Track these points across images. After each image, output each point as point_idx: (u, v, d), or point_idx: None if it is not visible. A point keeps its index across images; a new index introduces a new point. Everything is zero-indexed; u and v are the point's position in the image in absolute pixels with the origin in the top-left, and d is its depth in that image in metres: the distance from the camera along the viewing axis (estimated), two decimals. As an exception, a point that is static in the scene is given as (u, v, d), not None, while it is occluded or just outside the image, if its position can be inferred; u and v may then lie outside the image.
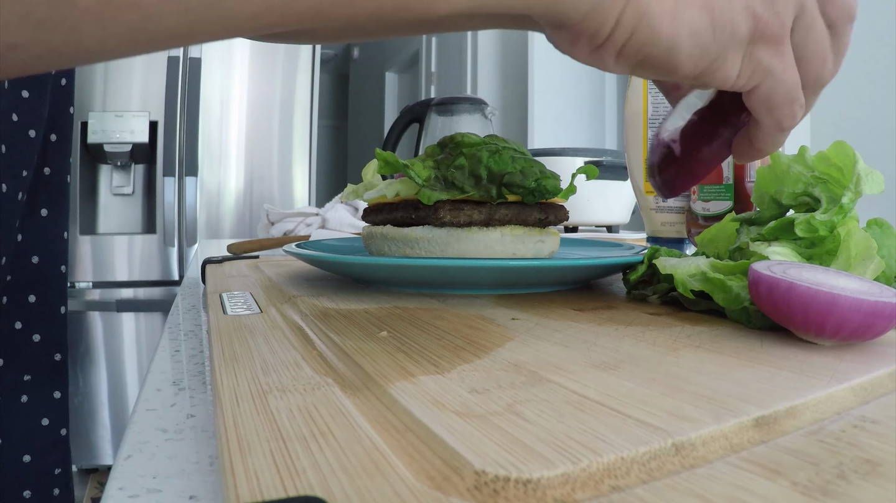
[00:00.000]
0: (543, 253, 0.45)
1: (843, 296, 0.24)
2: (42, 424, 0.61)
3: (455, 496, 0.13)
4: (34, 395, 0.61)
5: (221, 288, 0.43)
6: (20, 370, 0.60)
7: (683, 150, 0.30)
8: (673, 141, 0.31)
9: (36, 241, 0.61)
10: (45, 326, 0.62)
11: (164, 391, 0.24)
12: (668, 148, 0.31)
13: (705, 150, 0.30)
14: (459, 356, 0.23)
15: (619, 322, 0.30)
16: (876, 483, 0.13)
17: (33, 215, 0.61)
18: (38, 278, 0.62)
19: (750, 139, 0.29)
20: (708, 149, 0.30)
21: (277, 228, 1.09)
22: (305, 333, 0.28)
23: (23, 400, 0.60)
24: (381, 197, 0.46)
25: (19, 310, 0.60)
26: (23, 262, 0.60)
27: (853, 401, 0.19)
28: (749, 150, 0.29)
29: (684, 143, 0.30)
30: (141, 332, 1.85)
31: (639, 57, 0.24)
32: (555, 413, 0.17)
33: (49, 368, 0.63)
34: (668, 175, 0.31)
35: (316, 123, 2.09)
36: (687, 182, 0.31)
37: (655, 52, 0.23)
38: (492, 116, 1.10)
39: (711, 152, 0.30)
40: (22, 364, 0.60)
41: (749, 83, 0.26)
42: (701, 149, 0.30)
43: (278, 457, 0.15)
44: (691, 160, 0.30)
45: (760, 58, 0.25)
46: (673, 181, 0.31)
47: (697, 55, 0.24)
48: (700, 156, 0.30)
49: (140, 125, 1.82)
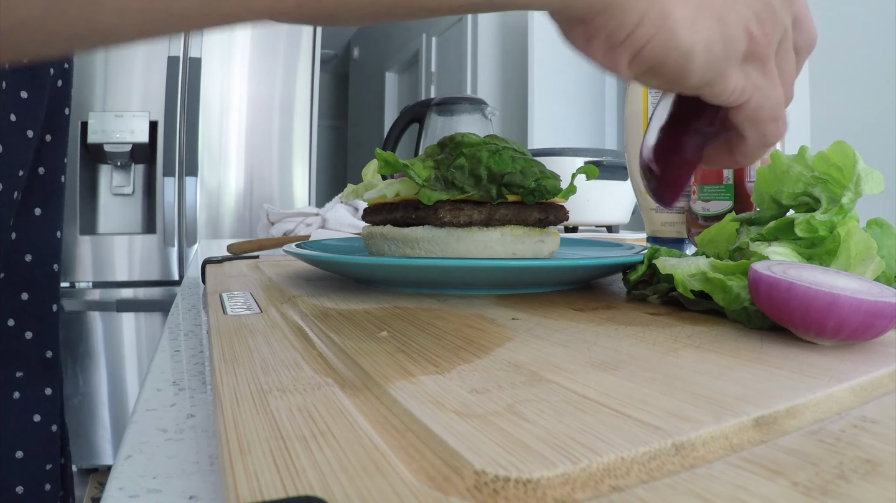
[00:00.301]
0: (543, 253, 0.45)
1: (843, 296, 0.24)
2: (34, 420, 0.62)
3: (455, 496, 0.13)
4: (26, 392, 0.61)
5: (221, 288, 0.43)
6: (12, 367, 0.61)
7: (660, 166, 0.31)
8: (651, 160, 0.32)
9: (29, 240, 0.62)
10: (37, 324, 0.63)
11: (164, 391, 0.24)
12: (648, 167, 0.32)
13: (676, 161, 0.31)
14: (459, 356, 0.23)
15: (619, 322, 0.30)
16: (876, 483, 0.13)
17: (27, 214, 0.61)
18: (30, 277, 0.62)
19: (730, 150, 0.29)
20: (679, 159, 0.31)
21: (277, 228, 1.09)
22: (305, 333, 0.28)
23: (15, 396, 0.60)
24: (381, 197, 0.46)
25: (11, 307, 0.61)
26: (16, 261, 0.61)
27: (853, 401, 0.19)
28: (727, 160, 0.30)
29: (658, 159, 0.31)
30: (141, 332, 1.85)
31: (655, 62, 0.24)
32: (555, 413, 0.17)
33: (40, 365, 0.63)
34: (655, 189, 0.32)
35: (316, 123, 2.09)
36: (674, 193, 0.32)
37: (671, 58, 0.23)
38: (492, 116, 1.10)
39: (683, 162, 0.31)
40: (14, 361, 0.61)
41: (740, 98, 0.26)
42: (672, 161, 0.31)
43: (278, 457, 0.15)
44: (668, 173, 0.31)
45: (751, 74, 0.25)
46: (662, 194, 0.32)
47: (707, 66, 0.24)
48: (674, 168, 0.31)
49: (140, 125, 1.82)
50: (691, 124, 0.30)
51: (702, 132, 0.30)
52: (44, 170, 0.62)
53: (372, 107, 4.25)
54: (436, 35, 3.30)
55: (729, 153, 0.29)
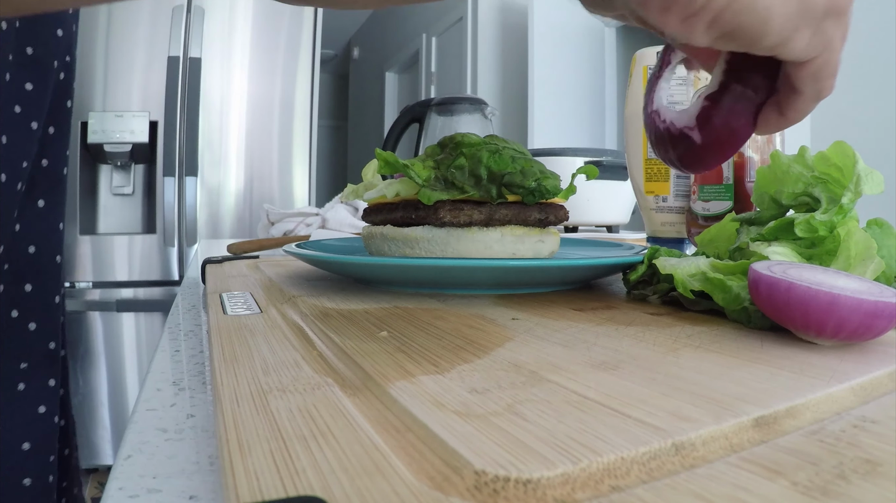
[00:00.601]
0: (543, 253, 0.45)
1: (843, 296, 0.24)
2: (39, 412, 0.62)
3: (455, 496, 0.13)
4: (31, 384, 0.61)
5: (221, 288, 0.43)
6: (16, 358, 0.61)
7: (705, 135, 0.29)
8: (689, 128, 0.29)
9: (33, 232, 0.62)
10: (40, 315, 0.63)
11: (164, 391, 0.24)
12: (686, 136, 0.29)
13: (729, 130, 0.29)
14: (459, 356, 0.23)
15: (619, 322, 0.30)
16: (876, 483, 0.13)
17: (31, 206, 0.61)
18: (34, 268, 0.62)
19: (781, 109, 0.28)
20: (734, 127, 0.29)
21: (277, 228, 1.09)
22: (305, 333, 0.28)
23: (20, 388, 0.60)
24: (381, 197, 0.46)
25: (15, 299, 0.61)
26: (19, 252, 0.61)
27: (853, 401, 0.19)
28: (778, 121, 0.28)
29: (705, 128, 0.29)
30: (141, 332, 1.85)
31: (731, 26, 0.23)
32: (555, 413, 0.17)
33: (44, 357, 0.63)
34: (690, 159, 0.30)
35: (316, 123, 2.09)
36: (716, 161, 0.30)
37: (749, 21, 0.23)
38: (492, 116, 1.10)
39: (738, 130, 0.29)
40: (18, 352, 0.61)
41: (811, 55, 0.25)
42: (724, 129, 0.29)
43: (278, 457, 0.15)
44: (715, 143, 0.29)
45: (826, 30, 0.24)
46: (701, 161, 0.30)
47: (783, 25, 0.23)
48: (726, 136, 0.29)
49: (140, 125, 1.82)
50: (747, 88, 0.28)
51: (758, 95, 0.28)
52: (47, 162, 0.62)
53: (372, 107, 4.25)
54: (436, 35, 3.30)
55: (779, 112, 0.28)
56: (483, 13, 2.84)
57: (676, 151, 0.30)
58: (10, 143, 0.54)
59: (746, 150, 0.56)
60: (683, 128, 0.30)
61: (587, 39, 2.66)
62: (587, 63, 2.70)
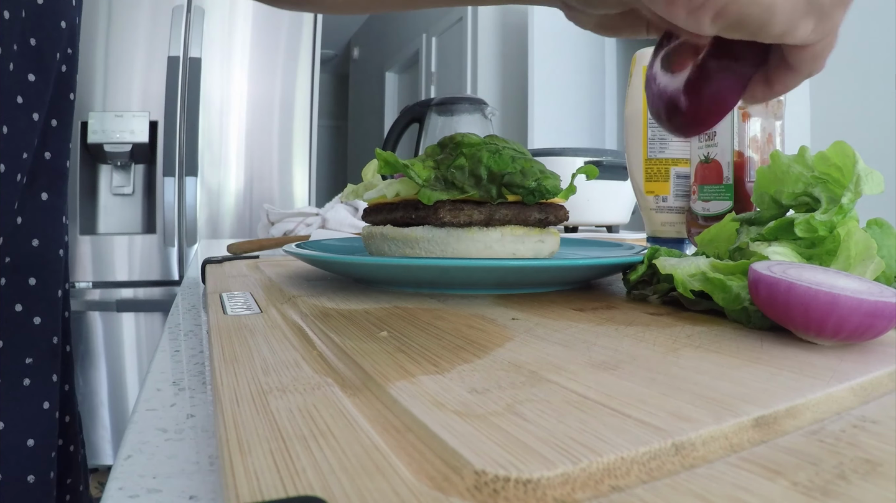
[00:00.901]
0: (543, 253, 0.45)
1: (843, 296, 0.24)
2: (43, 408, 0.61)
3: (455, 496, 0.13)
4: (36, 379, 0.61)
5: (221, 288, 0.43)
6: (21, 353, 0.60)
7: (692, 101, 0.30)
8: (678, 93, 0.30)
9: (36, 225, 0.61)
10: (45, 309, 0.62)
11: (164, 391, 0.24)
12: (675, 101, 0.30)
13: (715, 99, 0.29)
14: (459, 356, 0.23)
15: (619, 322, 0.30)
16: (876, 483, 0.13)
17: (34, 199, 0.61)
18: (38, 261, 0.62)
19: (770, 83, 0.28)
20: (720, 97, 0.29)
21: (277, 228, 1.09)
22: (305, 333, 0.28)
23: (25, 383, 0.60)
24: (381, 197, 0.46)
25: (20, 292, 0.60)
26: (23, 245, 0.60)
27: (853, 401, 0.19)
28: (765, 93, 0.29)
29: (692, 94, 0.30)
30: (141, 332, 1.85)
31: (737, 17, 0.23)
32: (555, 413, 0.17)
33: (49, 352, 0.63)
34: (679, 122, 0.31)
35: (316, 123, 2.09)
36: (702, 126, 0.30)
37: (755, 11, 0.23)
38: (492, 116, 1.10)
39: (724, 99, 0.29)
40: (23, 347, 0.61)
41: (815, 41, 0.25)
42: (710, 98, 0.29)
43: (278, 457, 0.15)
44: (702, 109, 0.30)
45: (833, 16, 0.25)
46: (687, 128, 0.31)
47: (790, 15, 0.23)
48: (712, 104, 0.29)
49: (140, 125, 1.82)
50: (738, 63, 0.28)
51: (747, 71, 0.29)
52: (50, 154, 0.62)
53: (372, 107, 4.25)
54: (436, 35, 3.30)
55: (767, 85, 0.28)
56: (483, 13, 2.85)
57: (667, 114, 0.31)
58: (11, 133, 0.54)
59: (746, 150, 0.56)
60: (673, 92, 0.30)
61: (587, 39, 2.66)
62: (587, 63, 2.70)
